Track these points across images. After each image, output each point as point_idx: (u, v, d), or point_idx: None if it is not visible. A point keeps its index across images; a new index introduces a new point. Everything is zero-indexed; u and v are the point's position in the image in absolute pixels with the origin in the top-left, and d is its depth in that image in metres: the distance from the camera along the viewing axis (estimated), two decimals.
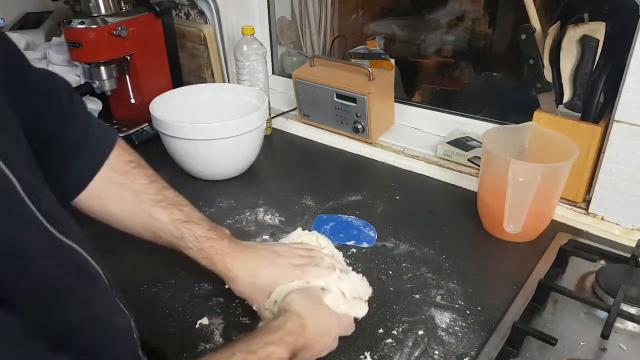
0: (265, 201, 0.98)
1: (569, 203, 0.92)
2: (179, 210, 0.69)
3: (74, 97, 0.64)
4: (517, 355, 0.64)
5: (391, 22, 1.55)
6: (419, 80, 1.55)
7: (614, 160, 0.83)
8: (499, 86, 1.36)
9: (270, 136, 1.25)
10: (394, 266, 0.81)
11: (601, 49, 0.81)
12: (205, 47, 1.31)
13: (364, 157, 1.14)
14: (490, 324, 0.69)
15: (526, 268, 0.79)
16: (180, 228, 0.68)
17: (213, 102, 1.13)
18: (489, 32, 1.46)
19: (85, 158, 0.64)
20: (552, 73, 0.86)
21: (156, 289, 0.77)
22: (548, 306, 0.72)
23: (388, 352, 0.66)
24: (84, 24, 1.07)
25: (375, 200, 0.98)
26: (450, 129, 1.14)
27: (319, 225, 0.91)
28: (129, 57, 1.17)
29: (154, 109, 1.02)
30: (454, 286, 0.76)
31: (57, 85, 0.61)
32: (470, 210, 0.92)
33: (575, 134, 0.84)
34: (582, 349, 0.65)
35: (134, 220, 0.68)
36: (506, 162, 0.77)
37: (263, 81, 1.17)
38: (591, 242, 0.83)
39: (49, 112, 0.60)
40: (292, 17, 1.46)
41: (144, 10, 1.18)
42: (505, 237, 0.85)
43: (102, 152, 0.66)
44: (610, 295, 0.70)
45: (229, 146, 1.00)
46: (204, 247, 0.68)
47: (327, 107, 1.18)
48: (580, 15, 0.83)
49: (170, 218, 0.68)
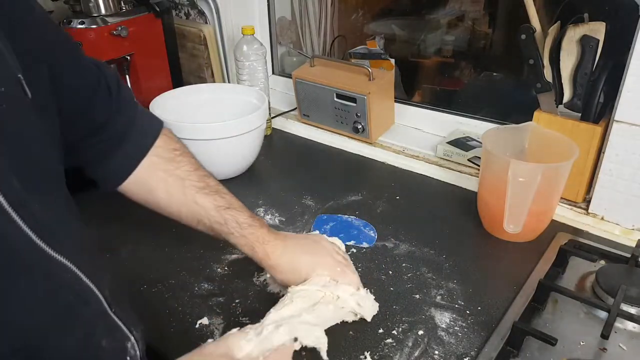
0: (265, 201, 0.98)
1: (569, 203, 0.92)
2: (222, 197, 0.71)
3: (121, 86, 0.68)
4: (517, 355, 0.64)
5: (391, 22, 1.55)
6: (419, 80, 1.55)
7: (614, 160, 0.83)
8: (499, 86, 1.36)
9: (270, 136, 1.25)
10: (394, 266, 0.81)
11: (601, 49, 0.81)
12: (205, 47, 1.31)
13: (364, 157, 1.14)
14: (490, 324, 0.69)
15: (526, 268, 0.79)
16: (223, 214, 0.69)
17: (213, 102, 1.13)
18: (489, 32, 1.46)
19: (132, 145, 0.67)
20: (552, 73, 0.86)
21: (156, 289, 0.77)
22: (548, 306, 0.72)
23: (388, 352, 0.66)
24: (84, 24, 1.07)
25: (375, 200, 0.98)
26: (450, 129, 1.14)
27: (319, 225, 0.91)
28: (129, 57, 1.17)
29: (154, 109, 1.02)
30: (454, 286, 0.76)
31: (105, 74, 0.65)
32: (470, 210, 0.92)
33: (575, 134, 0.84)
34: (582, 349, 0.65)
35: (179, 206, 0.70)
36: (506, 162, 0.77)
37: (263, 81, 1.17)
38: (591, 242, 0.83)
39: (99, 99, 0.63)
40: (292, 17, 1.46)
41: (144, 10, 1.18)
42: (505, 237, 0.85)
43: (148, 139, 0.69)
44: (610, 295, 0.70)
45: (229, 146, 1.00)
46: (245, 233, 0.69)
47: (327, 107, 1.18)
48: (580, 15, 0.83)
49: (214, 204, 0.69)
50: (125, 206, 0.71)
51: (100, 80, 0.64)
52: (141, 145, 0.68)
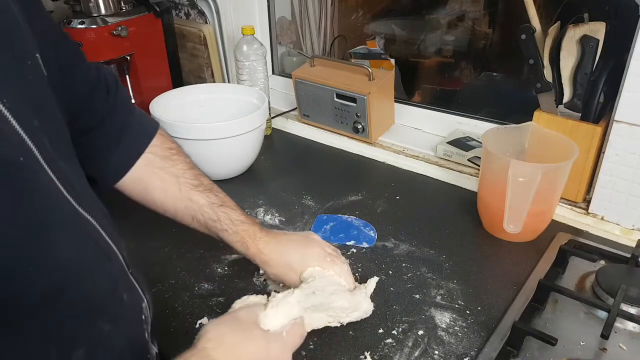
0: (265, 201, 0.98)
1: (569, 203, 0.92)
2: (215, 195, 0.72)
3: (119, 86, 0.70)
4: (517, 355, 0.64)
5: (391, 22, 1.55)
6: (419, 80, 1.55)
7: (614, 160, 0.83)
8: (499, 86, 1.36)
9: (270, 136, 1.25)
10: (394, 266, 0.81)
11: (601, 49, 0.81)
12: (205, 47, 1.31)
13: (364, 157, 1.14)
14: (490, 324, 0.69)
15: (526, 268, 0.79)
16: (216, 211, 0.71)
17: (213, 102, 1.13)
18: (489, 32, 1.46)
19: (129, 142, 0.68)
20: (552, 73, 0.86)
21: (156, 289, 0.77)
22: (548, 306, 0.72)
23: (388, 352, 0.66)
24: (84, 24, 1.07)
25: (375, 200, 0.98)
26: (450, 129, 1.14)
27: (319, 225, 0.91)
28: (129, 57, 1.17)
29: (154, 109, 1.02)
30: (454, 286, 0.76)
31: (105, 74, 0.68)
32: (470, 210, 0.92)
33: (575, 134, 0.84)
34: (582, 349, 0.65)
35: (174, 203, 0.71)
36: (506, 162, 0.77)
37: (263, 81, 1.17)
38: (591, 242, 0.83)
39: (97, 96, 0.65)
40: (292, 17, 1.46)
41: (144, 10, 1.18)
42: (505, 237, 0.85)
43: (145, 138, 0.70)
44: (610, 295, 0.70)
45: (229, 146, 1.00)
46: (239, 230, 0.70)
47: (327, 107, 1.18)
48: (580, 15, 0.83)
49: (208, 201, 0.71)
50: (125, 207, 0.71)
51: (100, 78, 0.67)
52: (138, 143, 0.69)
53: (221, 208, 0.71)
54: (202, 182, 0.72)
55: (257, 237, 0.71)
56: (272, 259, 0.71)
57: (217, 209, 0.71)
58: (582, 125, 0.86)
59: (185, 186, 0.71)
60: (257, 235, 0.71)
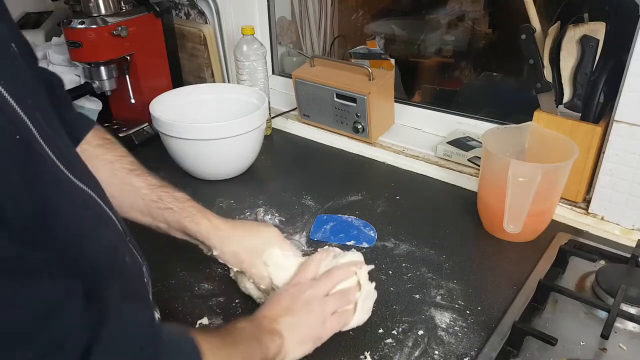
0: (265, 201, 0.98)
1: (569, 203, 0.92)
2: (153, 177, 0.70)
3: (62, 87, 0.69)
4: (517, 355, 0.64)
5: (391, 22, 1.55)
6: (419, 80, 1.55)
7: (614, 160, 0.83)
8: (499, 86, 1.36)
9: (270, 136, 1.25)
10: (394, 266, 0.81)
11: (601, 49, 0.81)
12: (205, 47, 1.31)
13: (364, 157, 1.14)
14: (490, 324, 0.69)
15: (526, 268, 0.79)
16: (156, 191, 0.68)
17: (213, 102, 1.13)
18: (489, 32, 1.46)
19: None
20: (552, 73, 0.86)
21: (156, 289, 0.77)
22: (548, 306, 0.72)
23: (388, 352, 0.66)
24: (84, 24, 1.07)
25: (375, 200, 0.98)
26: (450, 129, 1.14)
27: (319, 225, 0.91)
28: (129, 57, 1.17)
29: (153, 109, 1.02)
30: (454, 286, 0.76)
31: (52, 75, 0.68)
32: (470, 210, 0.92)
33: (575, 134, 0.84)
34: (582, 349, 0.65)
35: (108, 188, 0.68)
36: (506, 162, 0.77)
37: (263, 81, 1.17)
38: (591, 242, 0.83)
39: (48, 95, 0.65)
40: (292, 17, 1.46)
41: (144, 10, 1.18)
42: (505, 237, 0.85)
43: (81, 132, 0.69)
44: (610, 295, 0.70)
45: (229, 146, 1.00)
46: (185, 206, 0.68)
47: (327, 107, 1.18)
48: (580, 15, 0.83)
49: (146, 183, 0.69)
50: None
51: (48, 77, 0.66)
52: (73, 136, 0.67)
53: (161, 188, 0.68)
54: (139, 167, 0.70)
55: (210, 215, 0.68)
56: (233, 235, 0.68)
57: (156, 189, 0.68)
58: (582, 125, 0.86)
59: (121, 171, 0.68)
60: (209, 213, 0.68)
